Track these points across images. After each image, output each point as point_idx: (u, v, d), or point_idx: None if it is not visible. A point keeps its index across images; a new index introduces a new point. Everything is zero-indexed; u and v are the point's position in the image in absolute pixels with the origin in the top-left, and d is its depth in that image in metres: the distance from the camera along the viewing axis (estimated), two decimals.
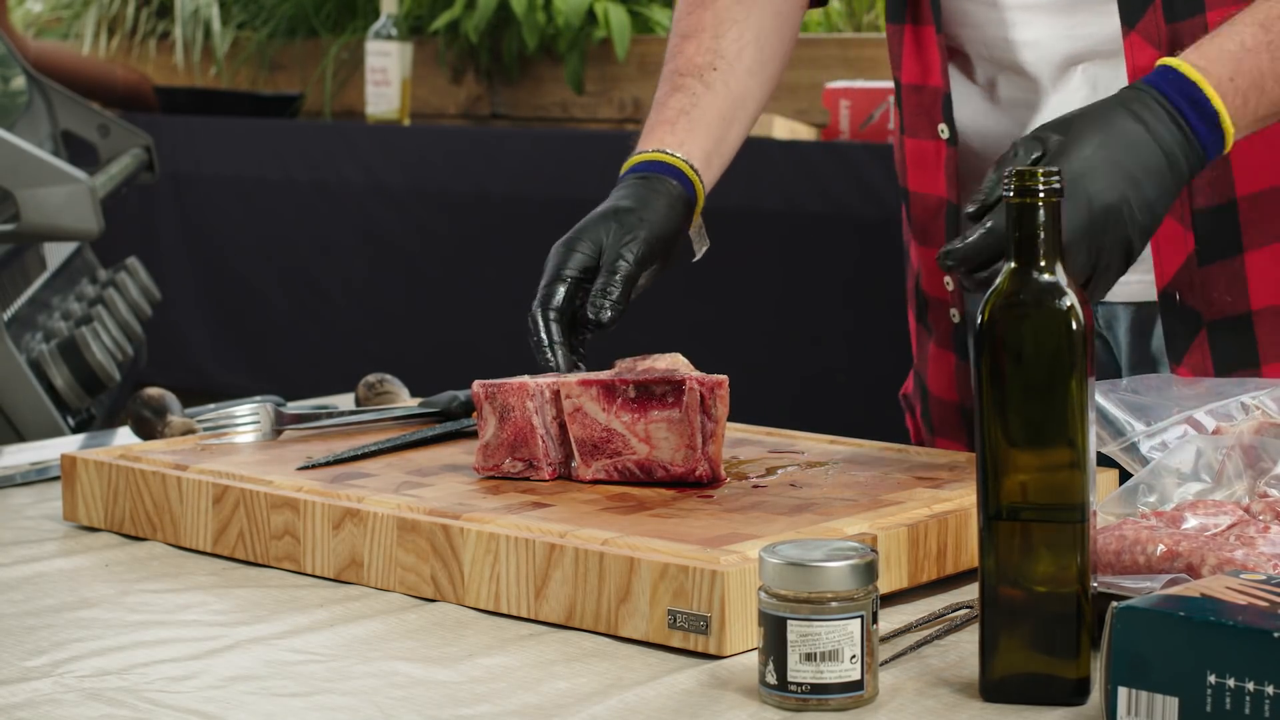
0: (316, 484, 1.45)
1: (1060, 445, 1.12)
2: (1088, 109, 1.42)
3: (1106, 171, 1.37)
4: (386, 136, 4.01)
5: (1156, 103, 1.41)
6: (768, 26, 1.76)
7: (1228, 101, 1.42)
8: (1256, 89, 1.44)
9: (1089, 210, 1.35)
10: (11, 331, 2.67)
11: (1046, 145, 1.39)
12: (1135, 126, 1.39)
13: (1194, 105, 1.42)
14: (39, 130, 3.32)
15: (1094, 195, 1.36)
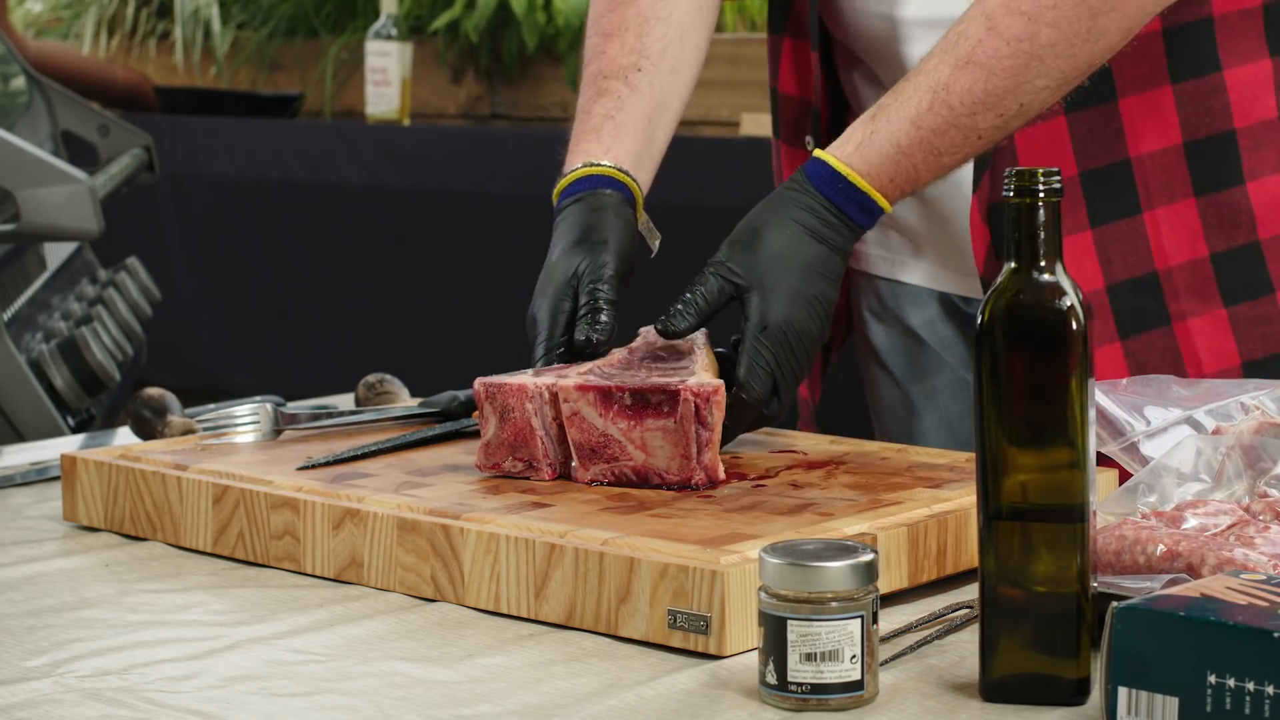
0: (316, 484, 1.45)
1: (1060, 445, 1.12)
2: (766, 239, 1.52)
3: (804, 313, 1.50)
4: (386, 136, 4.01)
5: (830, 212, 1.53)
6: (689, 23, 1.77)
7: (889, 198, 1.53)
8: (911, 182, 1.54)
9: (802, 350, 1.51)
10: (11, 331, 2.67)
11: (741, 289, 1.51)
12: (813, 251, 1.52)
13: (863, 210, 1.53)
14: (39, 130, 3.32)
15: (802, 336, 1.50)
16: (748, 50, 3.86)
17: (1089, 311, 1.13)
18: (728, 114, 3.89)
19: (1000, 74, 1.50)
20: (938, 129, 1.51)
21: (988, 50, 1.51)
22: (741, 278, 1.50)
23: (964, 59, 1.51)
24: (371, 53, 4.12)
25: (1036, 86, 1.52)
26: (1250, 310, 1.66)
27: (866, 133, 1.52)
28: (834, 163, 1.52)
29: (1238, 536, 1.26)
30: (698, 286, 1.51)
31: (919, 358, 1.83)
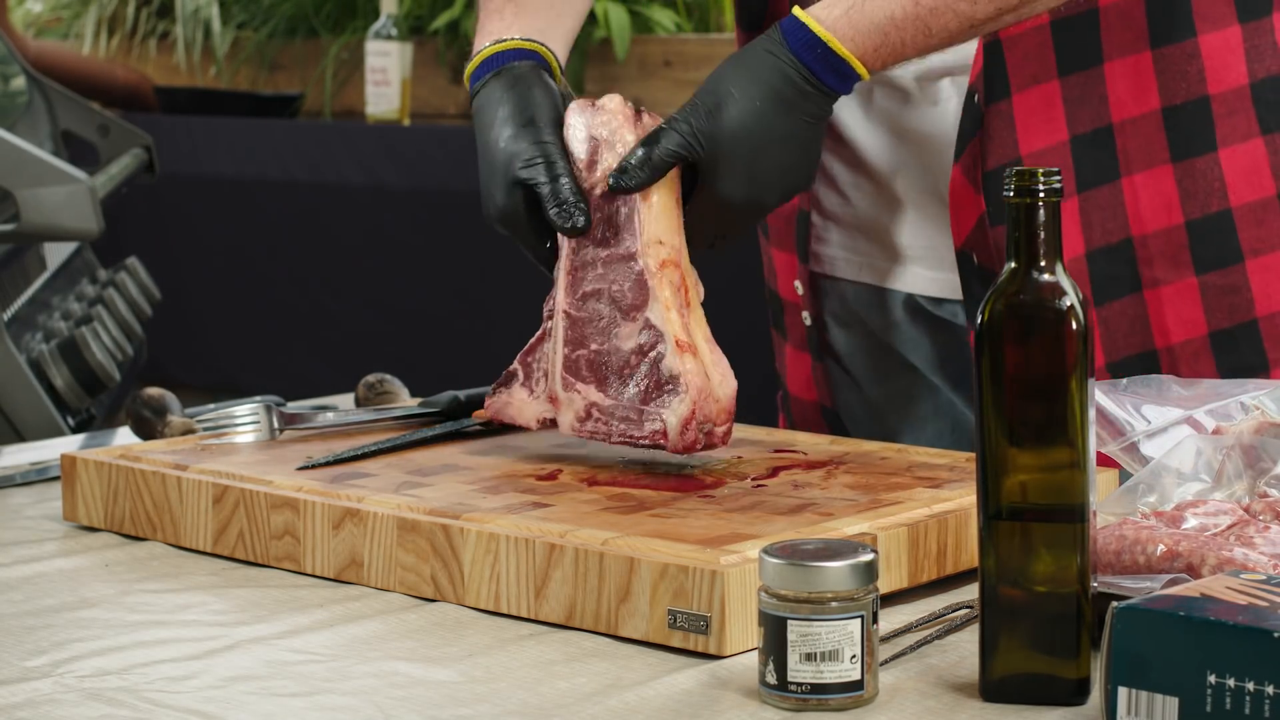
0: (316, 484, 1.45)
1: (1060, 445, 1.12)
2: (729, 108, 1.48)
3: (763, 189, 1.49)
4: (386, 136, 4.01)
5: (804, 79, 1.49)
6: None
7: (869, 67, 1.49)
8: (896, 55, 1.50)
9: (755, 219, 1.53)
10: (11, 331, 2.67)
11: (700, 158, 1.48)
12: (781, 122, 1.48)
13: (839, 75, 1.49)
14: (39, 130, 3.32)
15: (756, 209, 1.50)
16: None
17: (1089, 311, 1.13)
18: None
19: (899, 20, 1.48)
20: (935, 9, 1.48)
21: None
22: (702, 147, 1.48)
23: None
24: (371, 53, 4.12)
25: (945, 26, 1.50)
26: (1220, 279, 1.66)
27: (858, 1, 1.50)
28: (815, 27, 1.48)
29: (1238, 536, 1.26)
30: (653, 146, 1.48)
31: (881, 362, 1.83)
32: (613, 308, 1.49)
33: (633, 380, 1.48)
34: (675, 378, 1.46)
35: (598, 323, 1.49)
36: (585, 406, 1.50)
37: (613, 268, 1.49)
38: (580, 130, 1.51)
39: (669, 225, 1.49)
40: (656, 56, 4.04)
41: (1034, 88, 1.63)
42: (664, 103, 4.02)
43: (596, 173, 1.50)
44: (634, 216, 1.48)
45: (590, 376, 1.50)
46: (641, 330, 1.47)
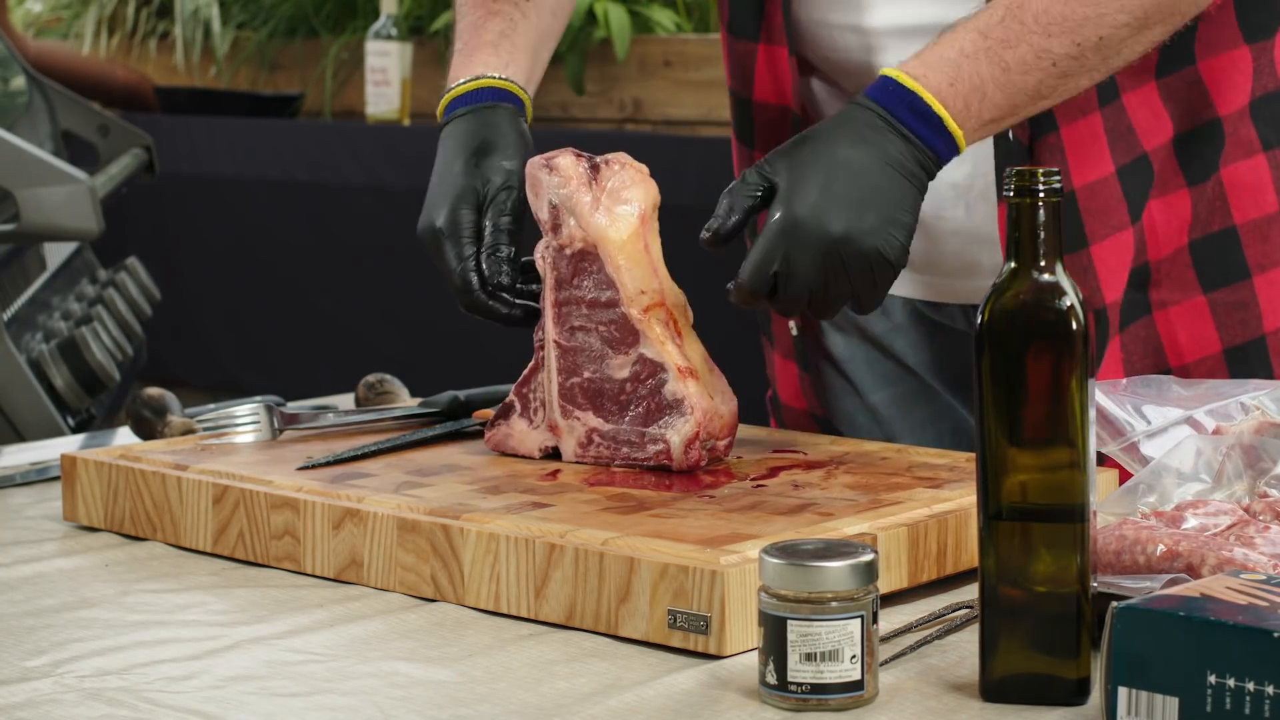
0: (316, 484, 1.45)
1: (1060, 445, 1.12)
2: (810, 140, 1.47)
3: (831, 208, 1.43)
4: (386, 136, 4.01)
5: (879, 118, 1.46)
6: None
7: (948, 105, 1.45)
8: (977, 93, 1.46)
9: (820, 247, 1.42)
10: (11, 331, 2.67)
11: (775, 184, 1.45)
12: (857, 153, 1.44)
13: (915, 113, 1.45)
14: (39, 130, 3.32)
15: (822, 233, 1.42)
16: None
17: (1089, 311, 1.13)
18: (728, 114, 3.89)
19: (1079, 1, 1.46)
20: (1007, 41, 1.45)
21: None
22: (775, 173, 1.46)
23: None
24: (371, 53, 4.12)
25: (1117, 20, 1.48)
26: (1228, 296, 1.66)
27: (930, 44, 1.48)
28: (888, 71, 1.47)
29: (1238, 536, 1.26)
30: (736, 186, 1.47)
31: (880, 366, 1.82)
32: (603, 343, 1.51)
33: (632, 405, 1.50)
34: (680, 401, 1.49)
35: (588, 352, 1.52)
36: (586, 433, 1.52)
37: (597, 312, 1.52)
38: (540, 193, 1.53)
39: (645, 272, 1.51)
40: (656, 56, 4.03)
41: (1080, 120, 1.61)
42: (664, 103, 4.02)
43: (562, 234, 1.52)
44: (608, 274, 1.51)
45: (587, 403, 1.52)
46: (634, 363, 1.50)
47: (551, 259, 1.52)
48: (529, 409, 1.55)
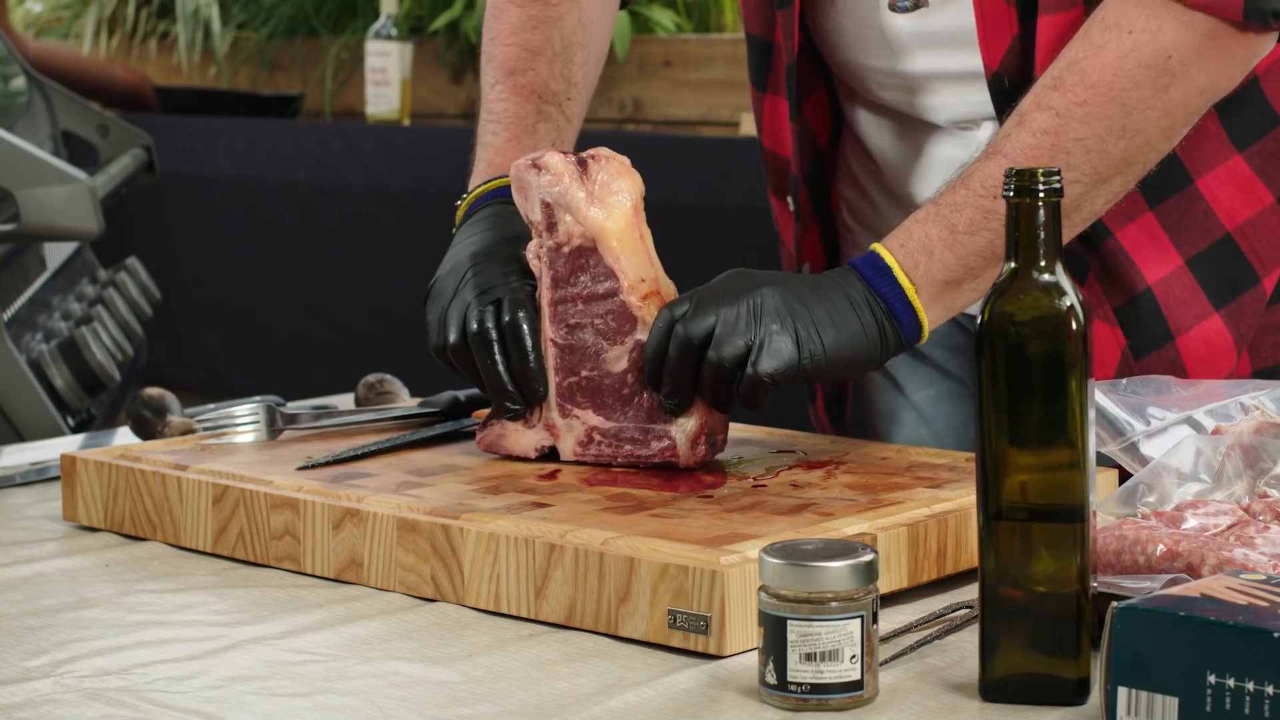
0: (316, 484, 1.45)
1: (1060, 445, 1.12)
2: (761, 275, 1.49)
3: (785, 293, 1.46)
4: (386, 136, 4.01)
5: (847, 270, 1.49)
6: (602, 51, 1.77)
7: (900, 262, 1.48)
8: (924, 251, 1.49)
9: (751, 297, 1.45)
10: (11, 331, 2.67)
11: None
12: (817, 282, 1.48)
13: (872, 267, 1.49)
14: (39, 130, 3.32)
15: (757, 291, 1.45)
16: None
17: (1089, 311, 1.13)
18: (728, 114, 3.89)
19: (1023, 163, 1.47)
20: (955, 205, 1.49)
21: (1014, 142, 1.49)
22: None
23: (991, 150, 1.50)
24: (371, 53, 4.12)
25: (1066, 179, 1.50)
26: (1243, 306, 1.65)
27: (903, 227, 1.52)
28: (874, 247, 1.51)
29: (1238, 536, 1.26)
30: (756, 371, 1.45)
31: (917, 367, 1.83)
32: (599, 337, 1.50)
33: (633, 401, 1.49)
34: None
35: (586, 349, 1.51)
36: (586, 431, 1.51)
37: (594, 305, 1.50)
38: (529, 194, 1.52)
39: (643, 261, 1.51)
40: (656, 56, 4.03)
41: (1132, 225, 1.62)
42: (664, 103, 4.02)
43: (558, 233, 1.51)
44: (608, 264, 1.50)
45: (586, 402, 1.51)
46: (631, 351, 1.49)
47: (548, 258, 1.52)
48: (529, 405, 1.54)
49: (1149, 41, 1.47)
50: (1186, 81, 1.48)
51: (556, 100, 1.70)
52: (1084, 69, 1.47)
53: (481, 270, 1.54)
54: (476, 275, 1.54)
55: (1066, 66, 1.48)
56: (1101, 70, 1.47)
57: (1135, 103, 1.48)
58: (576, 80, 1.72)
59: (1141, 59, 1.47)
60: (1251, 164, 1.62)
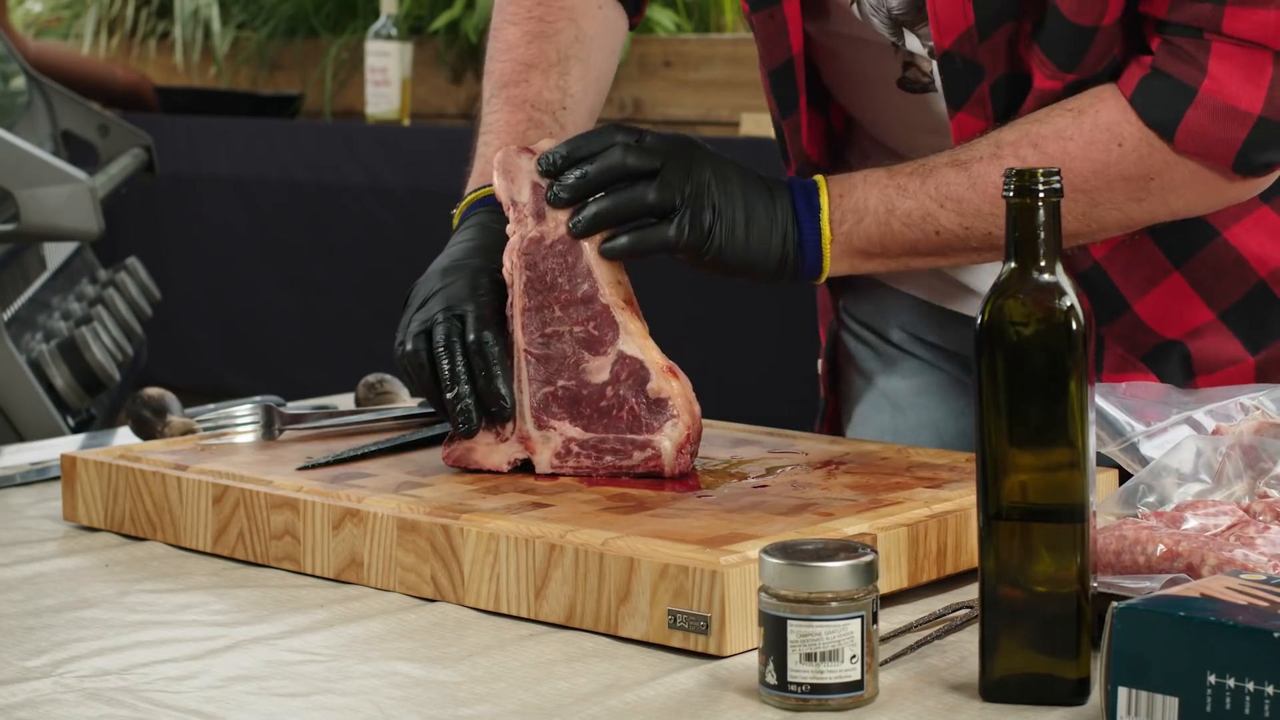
0: (316, 484, 1.45)
1: (1060, 445, 1.12)
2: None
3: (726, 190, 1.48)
4: (386, 136, 4.01)
5: (783, 186, 1.51)
6: (604, 69, 1.77)
7: (830, 211, 1.50)
8: (855, 214, 1.51)
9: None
10: (11, 331, 2.67)
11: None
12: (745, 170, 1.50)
13: (806, 197, 1.51)
14: (39, 130, 3.33)
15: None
16: (747, 50, 3.86)
17: (1089, 312, 1.13)
18: (728, 114, 3.89)
19: (980, 193, 1.49)
20: (905, 190, 1.50)
21: (982, 170, 1.49)
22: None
23: (960, 161, 1.50)
24: (371, 53, 4.13)
25: (1000, 228, 1.51)
26: None
27: None
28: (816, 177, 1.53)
29: (1238, 536, 1.26)
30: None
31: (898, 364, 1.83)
32: (578, 346, 1.48)
33: (613, 411, 1.47)
34: (664, 400, 1.46)
35: (563, 360, 1.48)
36: (564, 443, 1.48)
37: (571, 310, 1.48)
38: (517, 178, 1.50)
39: (617, 267, 1.50)
40: (656, 56, 4.04)
41: (1155, 290, 1.62)
42: (664, 103, 4.02)
43: (546, 220, 1.49)
44: (587, 262, 1.48)
45: (563, 413, 1.48)
46: (614, 363, 1.47)
47: (526, 258, 1.49)
48: (495, 422, 1.51)
49: (1136, 161, 1.49)
50: (1162, 202, 1.51)
51: (550, 109, 1.70)
52: (1067, 150, 1.49)
53: (452, 284, 1.53)
54: (446, 289, 1.53)
55: (1054, 135, 1.49)
56: (1083, 164, 1.49)
57: (1104, 201, 1.50)
58: (573, 92, 1.71)
59: (1124, 171, 1.49)
60: (1278, 210, 1.62)
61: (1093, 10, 1.48)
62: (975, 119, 1.55)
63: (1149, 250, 1.61)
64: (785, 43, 1.65)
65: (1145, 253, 1.61)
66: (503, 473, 1.50)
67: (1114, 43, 1.51)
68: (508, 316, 1.50)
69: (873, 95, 1.68)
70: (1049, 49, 1.50)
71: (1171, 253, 1.61)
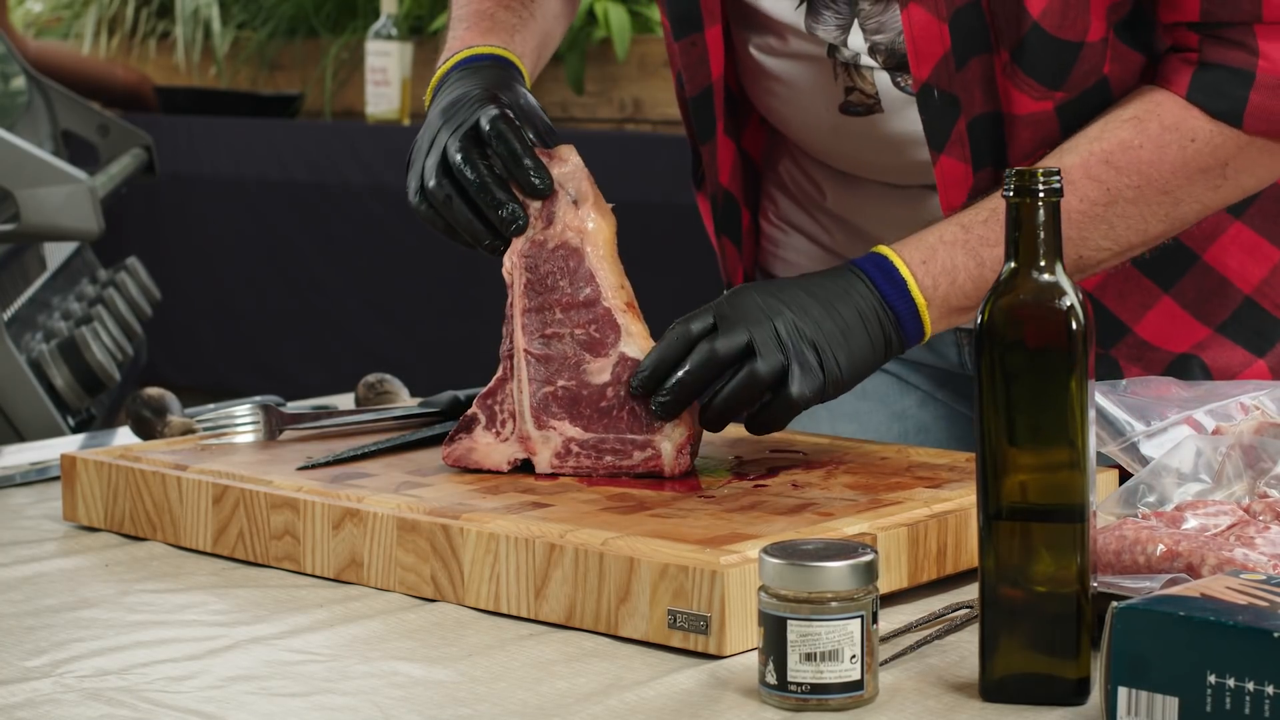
0: (316, 484, 1.45)
1: (1060, 445, 1.12)
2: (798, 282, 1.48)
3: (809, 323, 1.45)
4: (386, 136, 4.01)
5: (854, 275, 1.48)
6: (561, 6, 1.77)
7: (918, 279, 1.48)
8: (947, 276, 1.49)
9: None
10: (11, 331, 2.67)
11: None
12: (828, 285, 1.47)
13: (886, 276, 1.48)
14: (39, 130, 3.33)
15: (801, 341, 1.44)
16: None
17: (1088, 311, 1.13)
18: None
19: (1067, 223, 1.46)
20: (986, 240, 1.49)
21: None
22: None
23: None
24: (371, 53, 4.13)
25: (1099, 245, 1.52)
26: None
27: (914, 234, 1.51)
28: (877, 248, 1.50)
29: (1238, 536, 1.26)
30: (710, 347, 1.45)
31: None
32: (578, 348, 1.48)
33: (614, 411, 1.47)
34: None
35: (565, 360, 1.48)
36: (564, 443, 1.48)
37: (573, 313, 1.48)
38: None
39: (620, 269, 1.50)
40: (656, 56, 4.04)
41: (1150, 313, 1.63)
42: (664, 103, 4.02)
43: (554, 225, 1.49)
44: (590, 268, 1.48)
45: (563, 413, 1.48)
46: (615, 364, 1.47)
47: (528, 259, 1.49)
48: (495, 421, 1.50)
49: (1211, 153, 1.50)
50: (1236, 184, 1.53)
51: (513, 7, 1.70)
52: (1141, 159, 1.50)
53: (456, 112, 1.51)
54: (449, 121, 1.51)
55: (1121, 148, 1.50)
56: (1160, 167, 1.50)
57: (1186, 198, 1.52)
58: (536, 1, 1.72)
59: (1202, 165, 1.51)
60: (1252, 225, 1.64)
61: (1076, 26, 1.49)
62: (956, 161, 1.55)
63: (1136, 279, 1.63)
64: (705, 69, 1.66)
65: (1134, 281, 1.63)
66: (503, 473, 1.50)
67: (1102, 61, 1.52)
68: (507, 316, 1.50)
69: (814, 119, 1.67)
70: (1032, 68, 1.51)
71: (1159, 279, 1.63)
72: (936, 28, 1.51)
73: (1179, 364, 1.65)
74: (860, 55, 1.59)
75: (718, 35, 1.64)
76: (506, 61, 1.62)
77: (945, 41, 1.51)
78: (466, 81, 1.57)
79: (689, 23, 1.64)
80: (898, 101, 1.59)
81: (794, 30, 1.61)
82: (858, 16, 1.57)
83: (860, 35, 1.58)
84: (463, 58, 1.62)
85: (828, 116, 1.64)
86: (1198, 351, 1.65)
